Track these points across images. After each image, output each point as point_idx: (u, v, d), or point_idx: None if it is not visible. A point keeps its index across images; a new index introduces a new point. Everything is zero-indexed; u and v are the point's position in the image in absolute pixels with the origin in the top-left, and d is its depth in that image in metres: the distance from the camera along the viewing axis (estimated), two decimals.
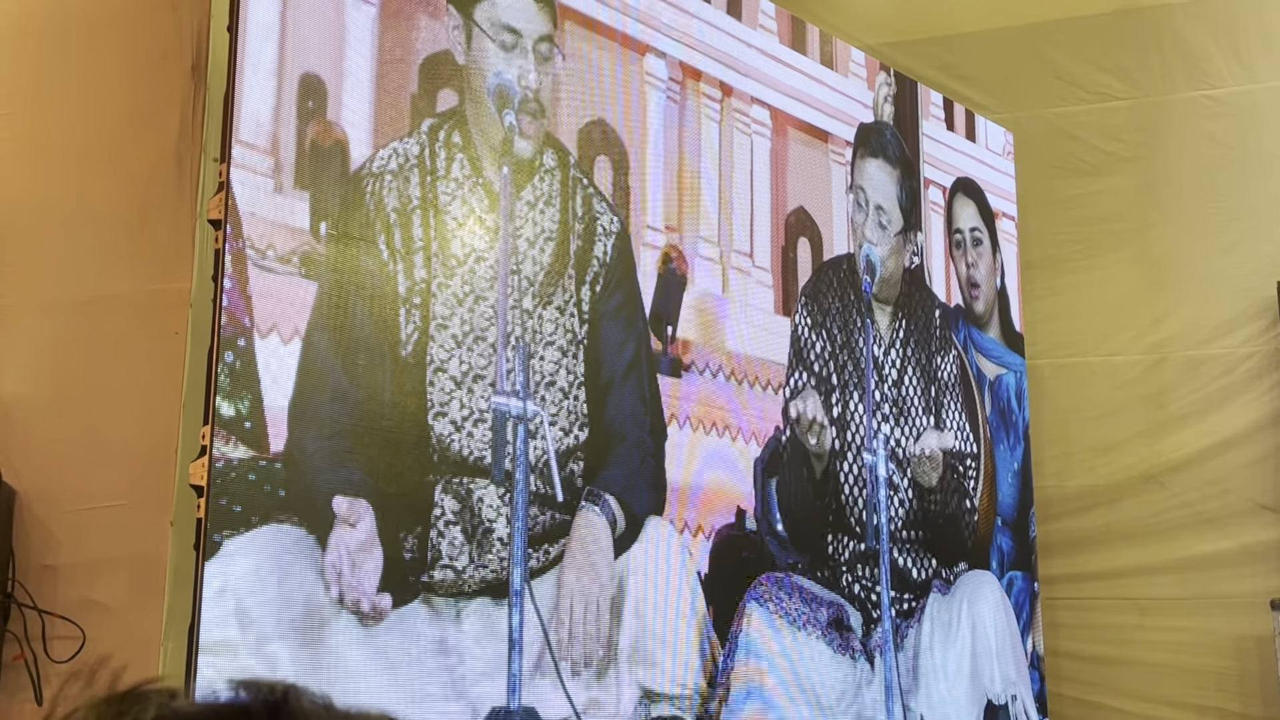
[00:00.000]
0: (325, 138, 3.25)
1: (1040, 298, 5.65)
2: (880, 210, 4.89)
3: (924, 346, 4.98)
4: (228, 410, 2.94)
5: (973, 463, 5.11)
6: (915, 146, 5.15)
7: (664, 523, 3.89)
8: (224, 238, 2.99)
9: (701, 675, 3.90)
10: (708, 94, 4.32)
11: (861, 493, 4.57)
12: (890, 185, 4.94)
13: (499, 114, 3.61)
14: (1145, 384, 5.51)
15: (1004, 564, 5.17)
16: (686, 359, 4.07)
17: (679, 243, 4.13)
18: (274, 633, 2.93)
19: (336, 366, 3.15)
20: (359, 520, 3.09)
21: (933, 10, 5.89)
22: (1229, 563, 5.29)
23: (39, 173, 3.38)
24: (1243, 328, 5.41)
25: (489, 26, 3.63)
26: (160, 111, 3.28)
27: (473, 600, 3.34)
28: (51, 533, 3.11)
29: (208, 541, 2.86)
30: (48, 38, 3.43)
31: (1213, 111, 5.58)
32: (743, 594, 4.10)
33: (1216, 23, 5.60)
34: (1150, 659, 5.32)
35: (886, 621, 4.56)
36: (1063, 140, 5.72)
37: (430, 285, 3.33)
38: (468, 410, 3.38)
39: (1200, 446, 5.39)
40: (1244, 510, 5.31)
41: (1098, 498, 5.49)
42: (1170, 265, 5.54)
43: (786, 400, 4.36)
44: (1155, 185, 5.62)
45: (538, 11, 3.77)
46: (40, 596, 3.05)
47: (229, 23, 3.14)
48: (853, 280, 4.72)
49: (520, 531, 3.45)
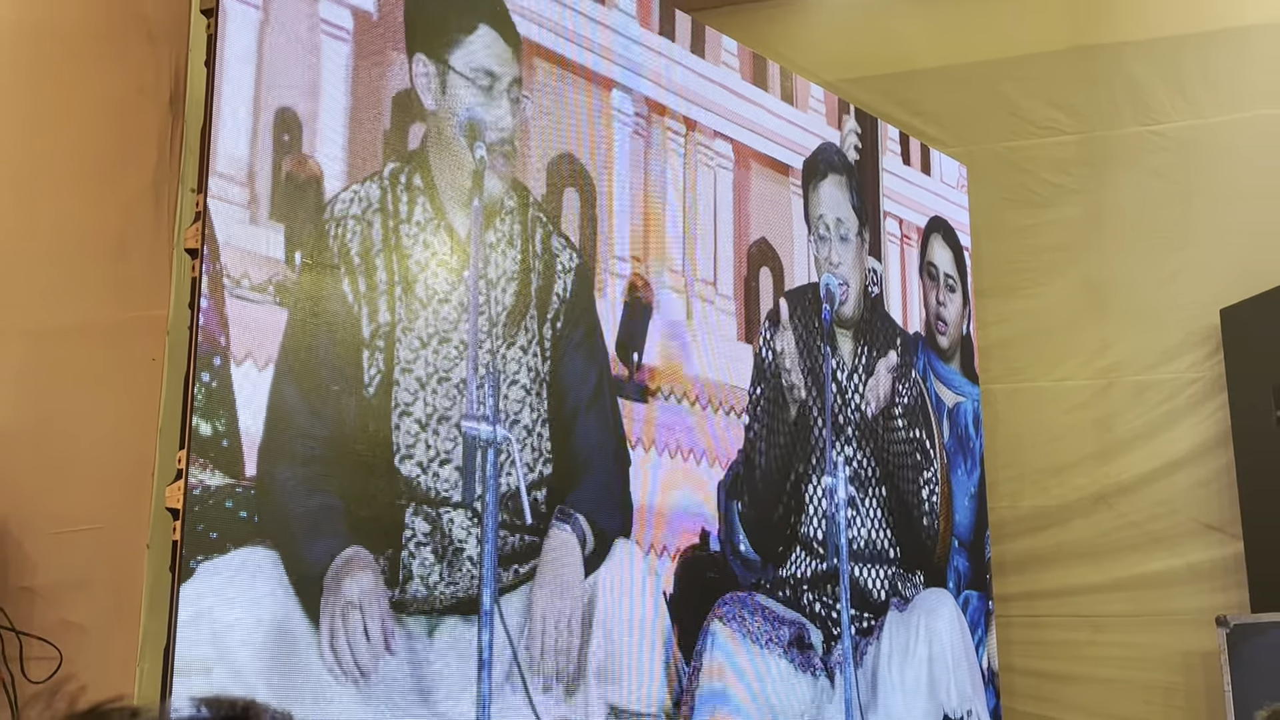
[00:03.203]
0: (300, 170, 3.24)
1: (993, 324, 5.68)
2: (840, 223, 4.92)
3: (884, 373, 5.00)
4: (205, 430, 2.93)
5: (932, 485, 5.13)
6: (875, 181, 5.18)
7: (631, 544, 3.89)
8: (200, 267, 2.98)
9: (666, 693, 3.89)
10: (672, 128, 4.34)
11: (823, 514, 4.57)
12: (841, 193, 4.97)
13: (470, 147, 3.61)
14: (1094, 408, 5.55)
15: (960, 583, 5.19)
16: (653, 385, 4.08)
17: (645, 272, 4.14)
18: (247, 654, 2.91)
19: (309, 392, 3.14)
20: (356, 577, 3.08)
21: (890, 47, 5.93)
22: (1176, 581, 5.32)
23: (19, 203, 3.36)
24: (1187, 354, 5.45)
25: (468, 71, 3.64)
26: (138, 143, 3.27)
27: (444, 619, 3.32)
28: (29, 555, 3.09)
29: (183, 565, 2.84)
30: (28, 71, 3.41)
31: (1157, 146, 5.63)
32: (707, 613, 4.10)
33: (1163, 62, 5.66)
34: (1101, 674, 5.34)
35: (846, 639, 4.56)
36: (1014, 173, 5.77)
37: (395, 329, 3.33)
38: (434, 452, 3.37)
39: (1147, 469, 5.43)
40: (1190, 530, 5.35)
41: (1050, 518, 5.51)
42: (1117, 293, 5.59)
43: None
44: (1102, 216, 5.66)
45: (511, 56, 3.79)
46: (17, 618, 3.02)
47: (206, 57, 3.13)
48: (815, 308, 4.74)
49: (490, 553, 3.44)
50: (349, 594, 3.12)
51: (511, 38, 3.79)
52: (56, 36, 3.40)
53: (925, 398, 5.20)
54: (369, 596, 3.16)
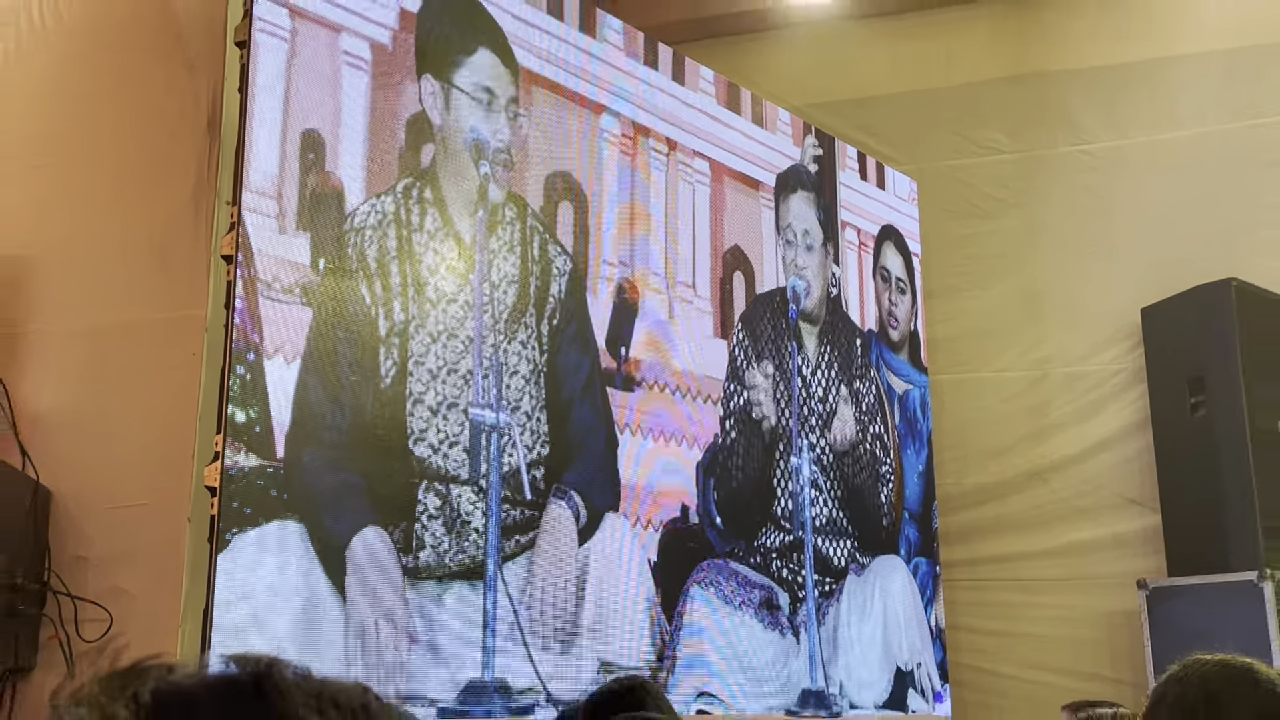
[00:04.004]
0: (324, 186, 3.23)
1: (939, 321, 5.69)
2: (806, 234, 4.93)
3: (845, 369, 5.01)
4: (239, 417, 2.92)
5: (887, 468, 5.14)
6: (833, 194, 5.18)
7: (619, 517, 3.88)
8: (235, 271, 2.97)
9: (651, 649, 3.89)
10: (655, 148, 4.33)
11: (789, 492, 4.58)
12: (809, 209, 4.98)
13: (475, 164, 3.61)
14: (1029, 396, 5.56)
15: (911, 551, 5.20)
16: (638, 376, 4.07)
17: (631, 275, 4.13)
18: (277, 615, 2.90)
19: (332, 383, 3.13)
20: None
21: (849, 77, 5.94)
22: (1101, 548, 5.33)
23: (74, 215, 3.34)
24: (1111, 348, 5.47)
25: (470, 87, 3.63)
26: (180, 162, 3.25)
27: (453, 583, 3.32)
28: (83, 529, 3.07)
29: (220, 537, 2.83)
30: (81, 98, 3.39)
31: (1087, 165, 5.64)
32: (687, 579, 4.10)
33: (1092, 89, 5.67)
34: (1035, 631, 5.36)
35: (810, 601, 4.57)
36: (959, 188, 5.77)
37: (408, 326, 3.32)
38: (444, 435, 3.36)
39: (1076, 450, 5.44)
40: (1114, 504, 5.36)
41: (990, 494, 5.53)
42: (1050, 295, 5.60)
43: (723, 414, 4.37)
44: (1037, 227, 5.67)
45: (509, 78, 3.78)
46: (73, 584, 3.01)
47: (240, 84, 3.12)
48: (783, 309, 4.74)
49: (494, 525, 3.44)
50: (370, 564, 3.11)
51: (509, 62, 3.78)
52: (108, 67, 3.38)
53: (881, 393, 5.20)
54: (387, 565, 3.15)
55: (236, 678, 0.64)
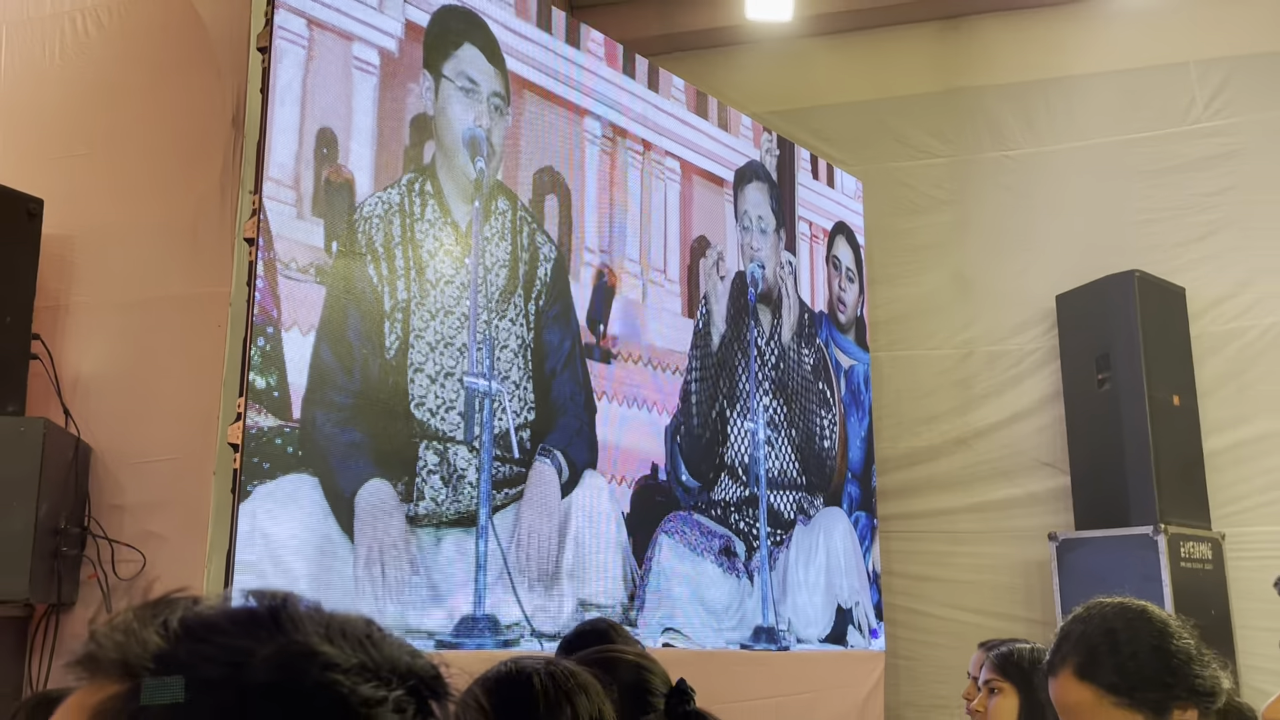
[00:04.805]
0: (336, 177, 3.20)
1: (880, 305, 5.71)
2: (760, 219, 4.93)
3: (795, 342, 5.02)
4: (259, 383, 2.90)
5: (831, 427, 5.16)
6: (791, 190, 5.18)
7: (597, 475, 3.89)
8: (256, 252, 2.95)
9: (624, 590, 3.91)
10: (632, 148, 4.31)
11: (746, 451, 4.60)
12: (763, 197, 4.98)
13: (471, 161, 3.59)
14: (957, 371, 5.59)
15: (852, 506, 5.23)
16: (614, 350, 4.07)
17: (610, 261, 4.13)
18: (292, 558, 2.90)
19: (343, 354, 3.11)
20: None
21: (803, 87, 5.93)
22: (1018, 505, 5.39)
23: (112, 201, 3.30)
24: (1029, 330, 5.50)
25: (453, 75, 3.60)
26: (208, 154, 3.22)
27: (449, 530, 3.32)
28: (119, 480, 3.05)
29: (241, 488, 2.82)
30: (120, 97, 3.35)
31: (1009, 168, 5.66)
32: (655, 528, 4.11)
33: (1015, 101, 5.68)
34: (960, 577, 5.41)
35: (763, 549, 4.59)
36: (898, 187, 5.79)
37: (410, 304, 3.30)
38: (441, 400, 3.35)
39: (998, 419, 5.49)
40: (1029, 466, 5.41)
41: (922, 457, 5.57)
42: (977, 282, 5.63)
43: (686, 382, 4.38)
44: (966, 223, 5.70)
45: (495, 73, 3.75)
46: (110, 529, 2.99)
47: (261, 86, 3.09)
48: (741, 290, 4.74)
49: (485, 480, 3.44)
50: (376, 511, 3.11)
51: (496, 60, 3.75)
52: (144, 70, 3.34)
53: (827, 359, 5.22)
54: (391, 511, 3.15)
55: (255, 609, 0.64)
